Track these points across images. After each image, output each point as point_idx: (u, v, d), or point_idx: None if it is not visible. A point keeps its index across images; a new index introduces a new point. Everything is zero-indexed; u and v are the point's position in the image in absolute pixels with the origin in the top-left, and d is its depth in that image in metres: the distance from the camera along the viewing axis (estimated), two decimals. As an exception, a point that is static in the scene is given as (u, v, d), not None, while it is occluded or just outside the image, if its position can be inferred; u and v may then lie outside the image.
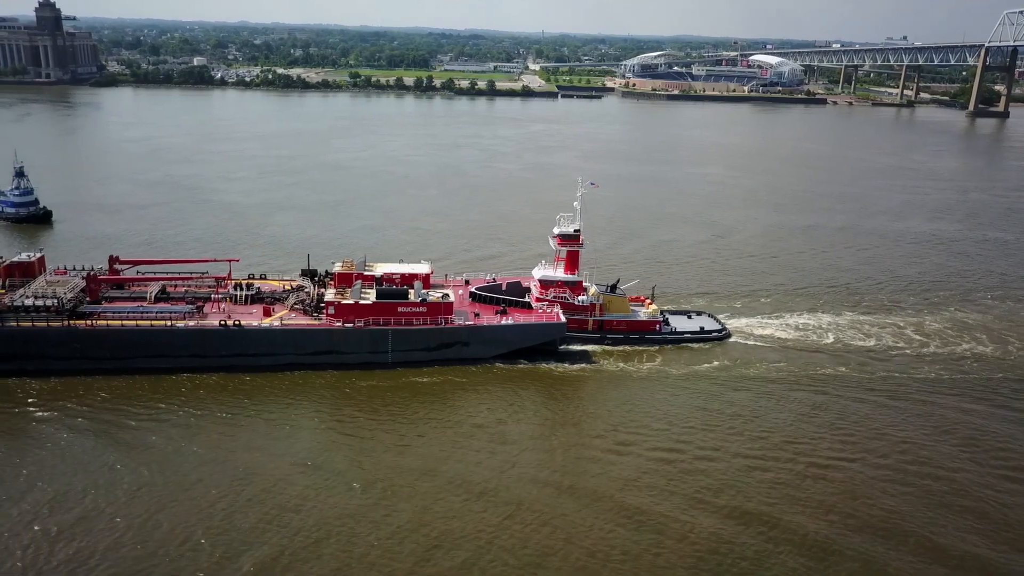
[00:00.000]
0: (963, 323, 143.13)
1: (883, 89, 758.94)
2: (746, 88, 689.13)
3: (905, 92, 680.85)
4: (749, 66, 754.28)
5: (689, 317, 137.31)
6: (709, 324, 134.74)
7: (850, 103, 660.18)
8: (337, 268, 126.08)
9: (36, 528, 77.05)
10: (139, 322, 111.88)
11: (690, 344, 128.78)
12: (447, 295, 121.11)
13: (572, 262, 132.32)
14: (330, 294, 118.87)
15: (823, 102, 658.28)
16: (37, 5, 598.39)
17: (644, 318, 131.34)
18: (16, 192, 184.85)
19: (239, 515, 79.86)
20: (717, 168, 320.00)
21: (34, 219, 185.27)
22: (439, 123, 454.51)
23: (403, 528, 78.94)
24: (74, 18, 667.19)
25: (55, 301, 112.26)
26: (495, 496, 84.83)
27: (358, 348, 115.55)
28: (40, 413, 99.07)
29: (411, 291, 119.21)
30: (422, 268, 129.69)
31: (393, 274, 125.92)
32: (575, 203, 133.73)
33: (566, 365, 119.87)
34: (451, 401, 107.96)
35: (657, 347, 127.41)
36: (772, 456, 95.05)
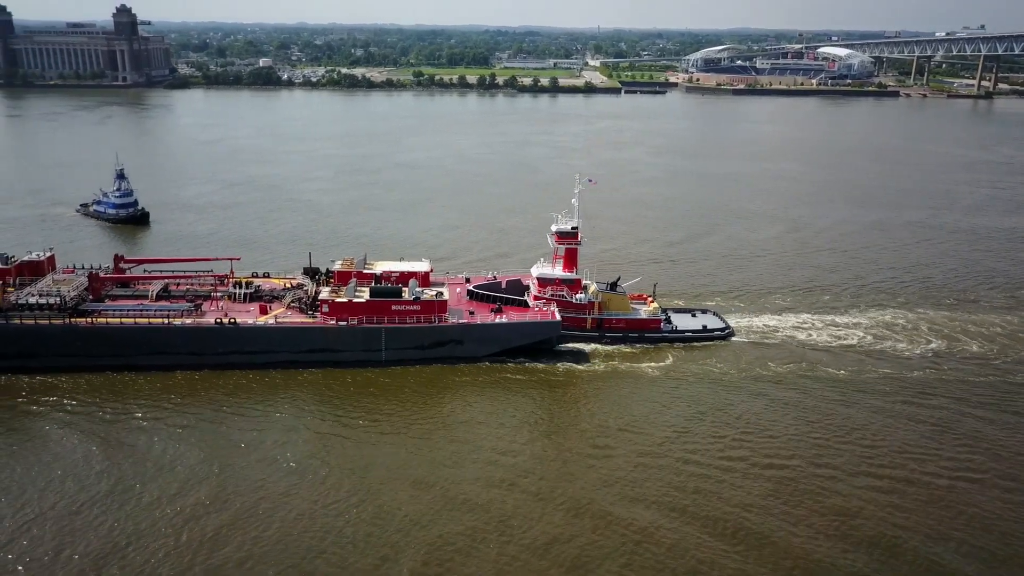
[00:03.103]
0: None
1: (958, 80, 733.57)
2: (814, 81, 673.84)
3: (982, 83, 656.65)
4: (816, 59, 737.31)
5: (694, 315, 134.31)
6: (713, 323, 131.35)
7: (924, 95, 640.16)
8: (337, 266, 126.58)
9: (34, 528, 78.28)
10: (137, 320, 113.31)
11: (691, 343, 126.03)
12: (441, 293, 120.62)
13: (570, 260, 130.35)
14: (325, 292, 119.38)
15: (895, 95, 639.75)
16: (114, 11, 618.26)
17: (644, 316, 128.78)
18: (118, 194, 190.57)
19: (207, 518, 79.57)
20: (791, 163, 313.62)
21: (133, 220, 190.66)
22: (506, 121, 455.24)
23: (394, 534, 77.73)
24: (149, 23, 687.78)
25: (58, 299, 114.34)
26: (478, 505, 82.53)
27: (352, 346, 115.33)
28: (37, 408, 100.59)
29: (405, 289, 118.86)
30: (421, 266, 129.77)
31: (392, 272, 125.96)
32: (572, 200, 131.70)
33: (560, 364, 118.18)
34: (441, 401, 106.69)
35: (656, 346, 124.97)
36: (753, 461, 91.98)
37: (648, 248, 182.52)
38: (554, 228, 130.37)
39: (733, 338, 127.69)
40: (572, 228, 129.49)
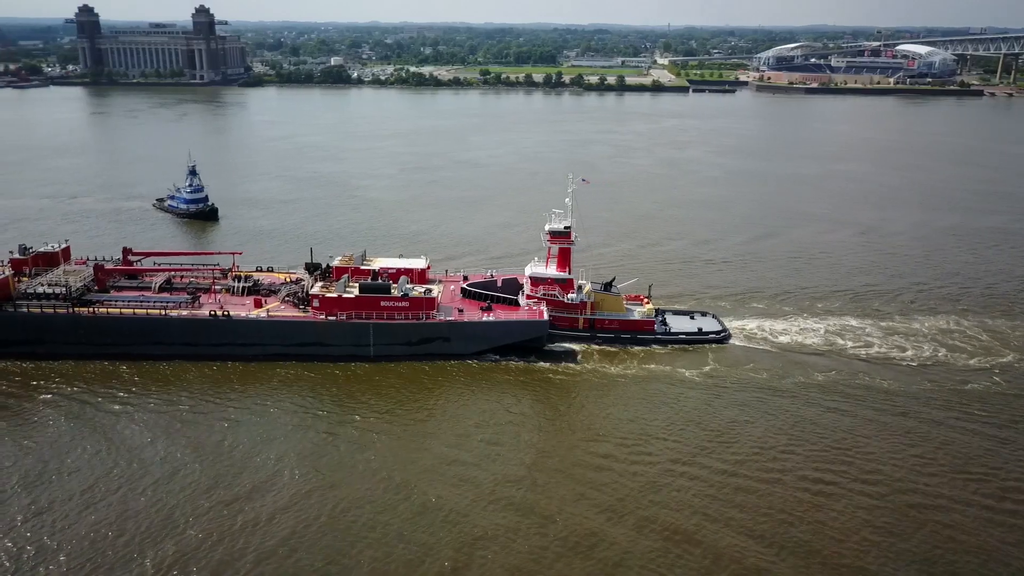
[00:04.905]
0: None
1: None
2: (891, 80, 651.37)
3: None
4: (894, 56, 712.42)
5: (692, 317, 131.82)
6: (709, 325, 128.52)
7: (1010, 94, 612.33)
8: (336, 262, 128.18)
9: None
10: (136, 311, 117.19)
11: (684, 345, 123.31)
12: (430, 290, 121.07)
13: (564, 259, 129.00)
14: (316, 287, 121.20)
15: (979, 94, 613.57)
16: (193, 11, 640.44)
17: (637, 317, 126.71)
18: (189, 189, 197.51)
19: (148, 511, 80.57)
20: (861, 165, 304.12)
21: (203, 215, 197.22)
22: (570, 119, 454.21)
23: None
24: (226, 22, 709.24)
25: (64, 289, 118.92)
26: (442, 512, 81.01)
27: (341, 341, 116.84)
28: (31, 394, 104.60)
29: (394, 286, 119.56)
30: (418, 263, 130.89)
31: (389, 268, 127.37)
32: (566, 199, 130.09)
33: (546, 364, 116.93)
34: (420, 399, 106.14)
35: (648, 347, 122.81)
36: (721, 469, 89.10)
37: (690, 248, 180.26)
38: (547, 227, 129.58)
39: (730, 341, 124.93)
40: (565, 228, 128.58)
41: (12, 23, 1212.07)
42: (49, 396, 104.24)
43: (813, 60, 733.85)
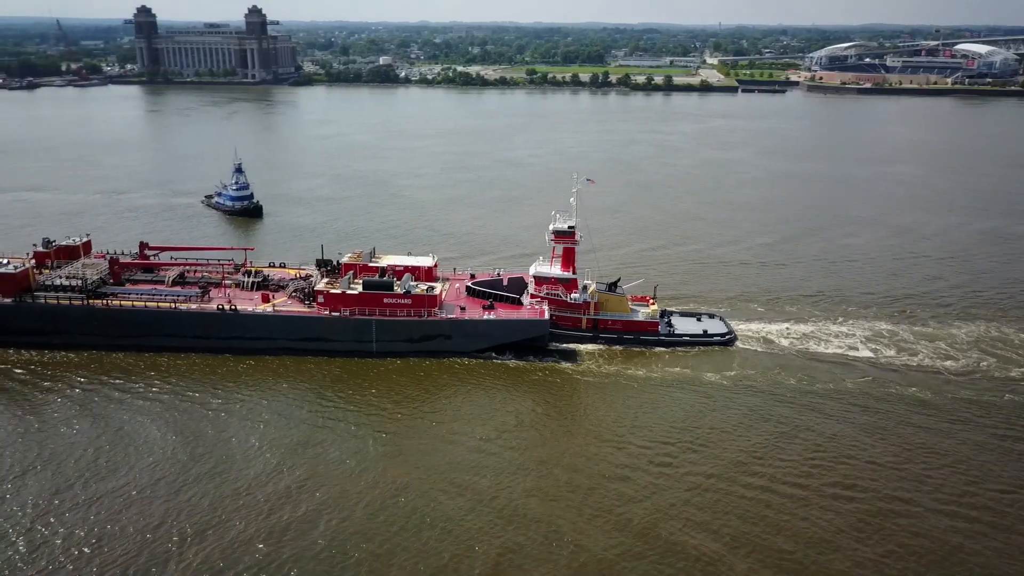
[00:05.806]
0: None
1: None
2: (949, 80, 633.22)
3: None
4: (952, 56, 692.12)
5: (699, 319, 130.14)
6: (715, 327, 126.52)
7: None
8: (345, 259, 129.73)
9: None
10: (147, 304, 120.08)
11: (689, 347, 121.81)
12: (432, 287, 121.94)
13: (568, 259, 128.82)
14: (321, 284, 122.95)
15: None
16: (246, 11, 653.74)
17: (641, 318, 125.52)
18: (235, 187, 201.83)
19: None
20: (911, 167, 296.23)
21: (247, 212, 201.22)
22: (615, 119, 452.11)
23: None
24: (278, 22, 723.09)
25: (80, 281, 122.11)
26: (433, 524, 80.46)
27: (344, 336, 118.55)
28: (63, 388, 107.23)
29: (397, 283, 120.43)
30: (426, 261, 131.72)
31: (397, 266, 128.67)
32: (571, 199, 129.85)
33: (546, 363, 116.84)
34: (442, 401, 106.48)
35: (652, 349, 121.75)
36: (826, 492, 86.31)
37: (726, 249, 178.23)
38: (552, 227, 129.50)
39: (735, 344, 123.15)
40: (569, 227, 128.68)
41: (76, 23, 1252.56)
42: (81, 391, 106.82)
43: (867, 60, 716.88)
